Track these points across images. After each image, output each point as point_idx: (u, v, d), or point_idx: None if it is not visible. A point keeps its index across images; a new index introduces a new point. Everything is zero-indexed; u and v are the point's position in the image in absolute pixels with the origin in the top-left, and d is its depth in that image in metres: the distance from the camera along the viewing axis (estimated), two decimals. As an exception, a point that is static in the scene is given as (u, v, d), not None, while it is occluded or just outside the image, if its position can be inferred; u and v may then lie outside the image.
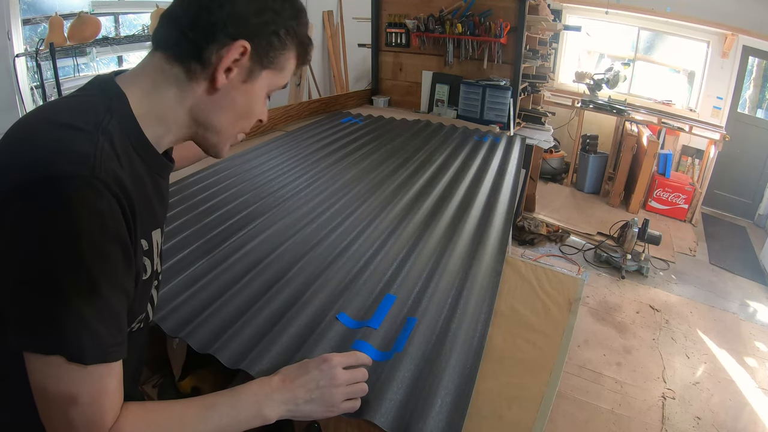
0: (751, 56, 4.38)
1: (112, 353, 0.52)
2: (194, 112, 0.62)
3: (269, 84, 0.65)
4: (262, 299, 1.04)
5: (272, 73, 0.64)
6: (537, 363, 0.97)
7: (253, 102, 0.65)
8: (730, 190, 4.65)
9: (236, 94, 0.63)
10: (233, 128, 0.66)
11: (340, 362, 0.69)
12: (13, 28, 2.37)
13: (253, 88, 0.63)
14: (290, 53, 0.65)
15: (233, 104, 0.63)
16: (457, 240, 1.38)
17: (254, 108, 0.66)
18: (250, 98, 0.64)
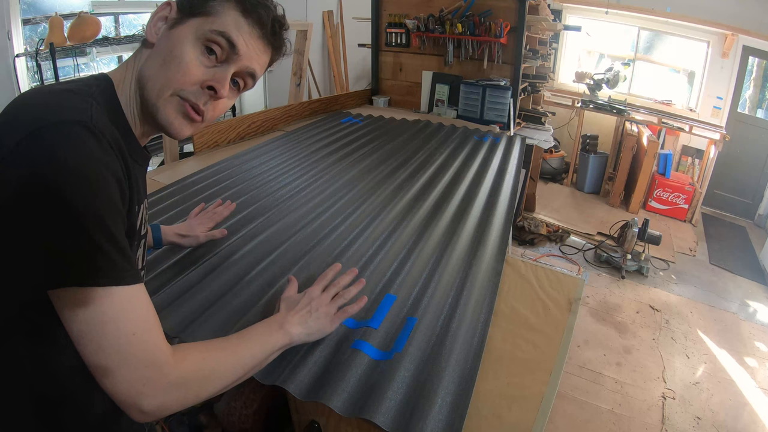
0: (751, 56, 4.38)
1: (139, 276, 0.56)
2: (138, 74, 0.64)
3: (198, 27, 0.63)
4: (263, 299, 1.04)
5: (201, 20, 0.64)
6: (537, 363, 0.97)
7: (175, 45, 0.63)
8: (730, 190, 4.65)
9: (162, 41, 0.64)
10: (158, 77, 0.62)
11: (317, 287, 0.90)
12: (13, 28, 2.37)
13: (177, 32, 0.64)
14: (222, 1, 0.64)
15: (159, 51, 0.64)
16: (457, 240, 1.38)
17: (178, 52, 0.62)
18: (172, 41, 0.63)
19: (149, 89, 0.63)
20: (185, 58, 0.62)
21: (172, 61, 0.62)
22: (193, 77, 0.63)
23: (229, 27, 0.64)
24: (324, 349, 0.90)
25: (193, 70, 0.62)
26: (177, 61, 0.62)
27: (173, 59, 0.62)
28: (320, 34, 4.62)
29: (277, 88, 4.17)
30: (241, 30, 0.64)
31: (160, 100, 0.62)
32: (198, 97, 0.64)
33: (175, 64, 0.62)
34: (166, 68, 0.62)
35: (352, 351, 0.90)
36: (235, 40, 0.64)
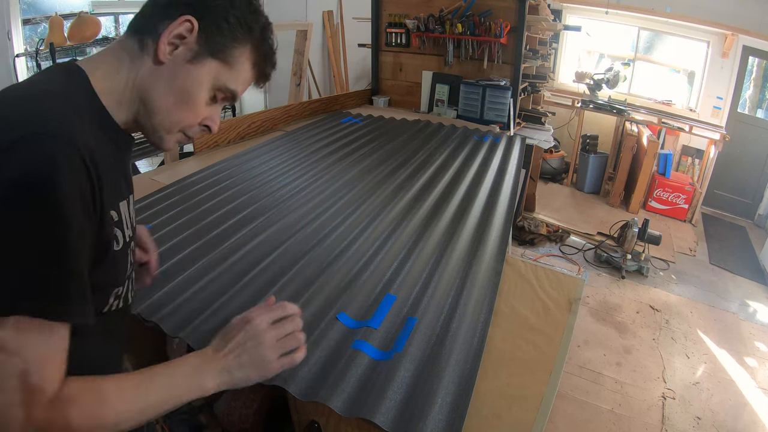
0: (751, 56, 4.38)
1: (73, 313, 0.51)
2: (140, 86, 0.62)
3: (215, 77, 0.64)
4: (263, 299, 1.04)
5: (220, 66, 0.64)
6: (537, 363, 0.97)
7: (194, 87, 0.63)
8: (730, 190, 4.65)
9: (178, 72, 0.62)
10: (170, 113, 0.63)
11: (264, 319, 0.67)
12: (13, 28, 2.37)
13: (196, 71, 0.63)
14: (243, 49, 0.65)
15: (173, 82, 0.62)
16: (457, 240, 1.38)
17: (195, 96, 0.64)
18: (191, 81, 0.63)
19: (158, 120, 0.63)
20: (200, 104, 0.65)
21: (188, 104, 0.64)
22: (199, 119, 0.66)
23: (239, 84, 0.66)
24: (324, 349, 0.90)
25: (202, 114, 0.66)
26: (193, 106, 0.64)
27: (190, 102, 0.64)
28: (320, 34, 4.62)
29: (277, 88, 4.16)
30: (246, 84, 0.68)
31: (168, 134, 0.65)
32: (195, 132, 0.68)
33: (191, 107, 0.64)
34: (180, 108, 0.64)
35: (352, 351, 0.90)
36: (240, 94, 0.68)
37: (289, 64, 3.29)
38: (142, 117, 0.64)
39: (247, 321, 0.67)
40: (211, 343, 0.67)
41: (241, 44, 0.64)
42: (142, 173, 2.45)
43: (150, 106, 0.63)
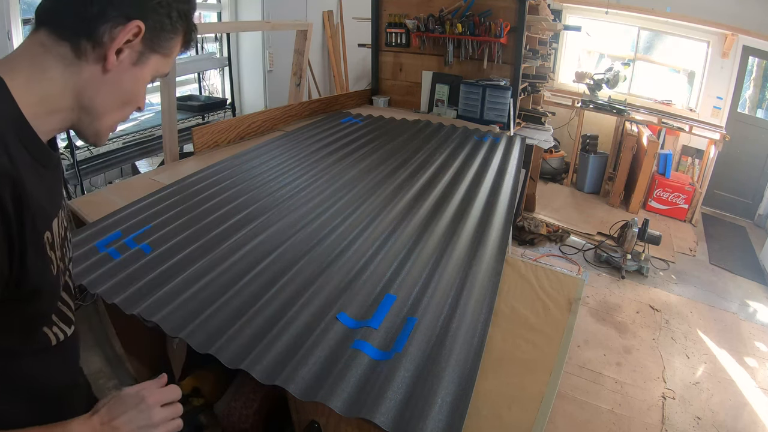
0: (751, 56, 4.38)
1: None
2: (79, 94, 0.58)
3: (156, 69, 0.63)
4: (263, 299, 1.04)
5: (160, 58, 0.62)
6: (537, 363, 0.97)
7: (138, 87, 0.62)
8: (730, 190, 4.65)
9: (124, 78, 0.60)
10: (116, 114, 0.62)
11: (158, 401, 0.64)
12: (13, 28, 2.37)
13: (141, 72, 0.61)
14: (179, 38, 0.64)
15: (120, 88, 0.60)
16: (457, 240, 1.38)
17: (138, 93, 0.63)
18: (136, 83, 0.61)
19: (102, 122, 0.61)
20: (141, 98, 0.64)
21: (132, 103, 0.63)
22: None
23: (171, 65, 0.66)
24: (324, 349, 0.90)
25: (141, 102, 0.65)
26: (136, 103, 0.64)
27: (135, 101, 0.63)
28: (320, 34, 4.62)
29: (277, 88, 4.16)
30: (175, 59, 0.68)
31: (107, 131, 0.63)
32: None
33: (133, 105, 0.64)
34: (125, 109, 0.63)
35: (352, 351, 0.90)
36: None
37: (289, 64, 3.28)
38: (83, 123, 0.60)
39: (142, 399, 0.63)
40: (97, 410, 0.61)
41: (178, 33, 0.63)
42: (142, 173, 2.45)
43: (94, 112, 0.60)
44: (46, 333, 0.61)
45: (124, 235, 1.32)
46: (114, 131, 0.67)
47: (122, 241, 1.29)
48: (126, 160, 2.79)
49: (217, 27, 3.64)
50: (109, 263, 1.19)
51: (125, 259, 1.20)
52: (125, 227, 1.37)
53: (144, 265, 1.17)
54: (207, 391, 1.46)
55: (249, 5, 3.67)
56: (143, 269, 1.16)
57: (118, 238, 1.31)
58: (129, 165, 2.86)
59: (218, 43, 3.70)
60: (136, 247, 1.25)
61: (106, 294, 1.07)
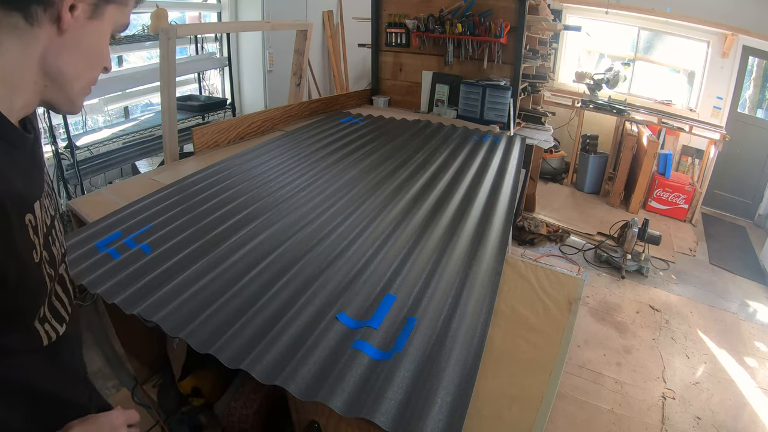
0: (751, 56, 4.38)
1: None
2: (42, 63, 0.54)
3: (115, 20, 0.60)
4: (262, 299, 1.04)
5: (117, 9, 0.59)
6: (537, 363, 0.97)
7: (100, 42, 0.59)
8: (730, 190, 4.65)
9: (84, 35, 0.56)
10: (85, 76, 0.59)
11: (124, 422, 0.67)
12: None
13: (101, 25, 0.58)
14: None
15: (82, 46, 0.57)
16: (457, 240, 1.38)
17: (102, 49, 0.60)
18: (97, 37, 0.58)
19: (73, 89, 0.59)
20: (106, 55, 0.61)
21: (98, 62, 0.60)
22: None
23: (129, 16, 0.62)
24: (324, 349, 0.90)
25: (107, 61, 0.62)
26: (102, 61, 0.60)
27: (101, 59, 0.60)
28: (320, 34, 4.62)
29: (277, 88, 4.16)
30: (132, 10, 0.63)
31: (81, 96, 0.60)
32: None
33: (100, 63, 0.61)
34: (92, 69, 0.60)
35: (352, 351, 0.90)
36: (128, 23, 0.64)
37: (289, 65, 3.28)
38: (51, 93, 0.57)
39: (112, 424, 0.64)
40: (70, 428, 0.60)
41: None
42: (142, 173, 2.45)
43: (61, 80, 0.57)
44: (38, 330, 0.59)
45: (124, 235, 1.32)
46: (89, 93, 0.62)
47: (122, 241, 1.29)
48: (126, 160, 2.79)
49: (217, 27, 3.65)
50: (109, 263, 1.19)
51: (125, 259, 1.20)
52: (125, 227, 1.37)
53: (144, 265, 1.17)
54: (207, 391, 1.46)
55: (249, 5, 3.67)
56: (143, 269, 1.16)
57: (118, 238, 1.31)
58: (129, 165, 2.86)
59: (218, 43, 3.70)
60: (136, 247, 1.25)
61: (106, 294, 1.07)
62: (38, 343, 0.59)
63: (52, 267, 0.61)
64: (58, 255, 0.64)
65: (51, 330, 0.61)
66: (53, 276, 0.61)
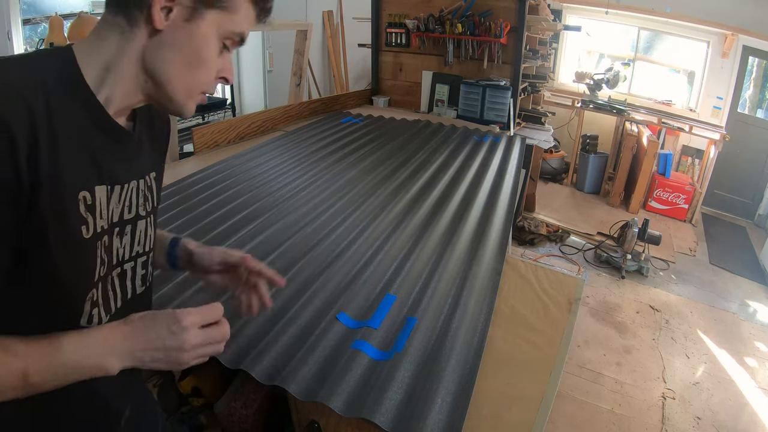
0: (751, 56, 4.38)
1: None
2: (142, 59, 0.59)
3: (219, 26, 0.60)
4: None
5: (221, 15, 0.60)
6: (537, 363, 0.97)
7: (200, 45, 0.60)
8: (730, 190, 4.65)
9: (180, 35, 0.59)
10: (185, 77, 0.61)
11: (194, 322, 0.61)
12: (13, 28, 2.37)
13: (198, 29, 0.59)
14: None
15: (179, 47, 0.59)
16: (457, 240, 1.38)
17: (204, 53, 0.61)
18: (196, 40, 0.60)
19: (172, 88, 0.61)
20: (212, 61, 0.62)
21: (201, 65, 0.61)
22: (216, 75, 0.64)
23: (244, 26, 0.63)
24: (324, 349, 0.90)
25: (216, 69, 0.63)
26: (206, 65, 0.62)
27: (202, 63, 0.61)
28: (320, 34, 4.62)
29: (277, 88, 4.16)
30: (251, 22, 0.64)
31: (188, 99, 0.63)
32: (213, 87, 0.65)
33: (205, 68, 0.62)
34: (194, 71, 0.61)
35: (352, 351, 0.90)
36: (246, 35, 0.64)
37: (289, 65, 3.28)
38: (153, 91, 0.61)
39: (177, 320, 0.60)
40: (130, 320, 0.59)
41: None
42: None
43: (159, 78, 0.60)
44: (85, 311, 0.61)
45: (124, 235, 1.32)
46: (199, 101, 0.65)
47: (122, 241, 1.29)
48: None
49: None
50: (109, 263, 1.18)
51: (125, 259, 1.20)
52: (125, 227, 1.37)
53: (144, 265, 1.17)
54: (207, 391, 1.46)
55: (249, 5, 3.67)
56: (143, 269, 1.15)
57: (118, 238, 1.31)
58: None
59: (218, 43, 3.70)
60: (136, 247, 1.25)
61: (106, 294, 1.07)
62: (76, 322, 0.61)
63: (109, 254, 0.63)
64: (121, 249, 0.66)
65: (96, 316, 0.63)
66: (110, 264, 0.63)
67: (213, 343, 0.62)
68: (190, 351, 0.60)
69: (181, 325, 0.59)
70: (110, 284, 0.65)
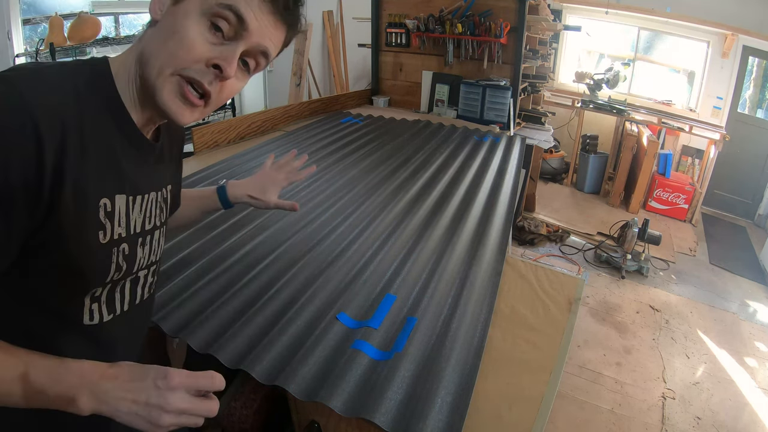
0: (751, 56, 4.38)
1: None
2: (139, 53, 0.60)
3: (203, 1, 0.58)
4: (262, 299, 1.04)
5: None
6: (537, 363, 0.97)
7: (178, 19, 0.57)
8: (730, 190, 4.65)
9: (166, 17, 0.59)
10: (160, 53, 0.58)
11: (184, 384, 0.54)
12: (13, 28, 2.37)
13: (181, 6, 0.58)
14: None
15: (161, 26, 0.59)
16: (457, 240, 1.38)
17: (180, 26, 0.57)
18: (176, 16, 0.58)
19: (150, 68, 0.58)
20: (188, 33, 0.57)
21: (174, 37, 0.57)
22: (196, 54, 0.58)
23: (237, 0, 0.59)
24: (324, 349, 0.90)
25: (196, 46, 0.57)
26: (179, 37, 0.57)
27: (175, 35, 0.57)
28: (320, 34, 4.62)
29: (277, 88, 4.16)
30: (250, 3, 0.59)
31: (159, 79, 0.58)
32: (202, 75, 0.59)
33: (177, 39, 0.57)
34: (167, 45, 0.57)
35: (352, 351, 0.90)
36: (244, 13, 0.58)
37: (289, 64, 3.29)
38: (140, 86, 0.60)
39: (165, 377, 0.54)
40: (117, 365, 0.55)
41: None
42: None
43: (144, 62, 0.59)
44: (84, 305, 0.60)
45: (124, 235, 1.32)
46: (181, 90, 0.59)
47: (122, 241, 1.29)
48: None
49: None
50: (109, 263, 1.18)
51: (125, 259, 1.20)
52: (125, 227, 1.37)
53: (144, 265, 1.17)
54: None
55: (249, 5, 3.66)
56: (143, 269, 1.15)
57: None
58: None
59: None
60: (136, 247, 1.25)
61: (106, 294, 1.07)
62: (78, 317, 0.61)
63: (126, 262, 0.63)
64: (143, 259, 0.67)
65: (96, 311, 0.62)
66: (125, 270, 0.64)
67: (195, 416, 0.55)
68: (171, 414, 0.53)
69: (169, 384, 0.54)
70: (120, 288, 0.65)
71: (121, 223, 0.61)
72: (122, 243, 0.62)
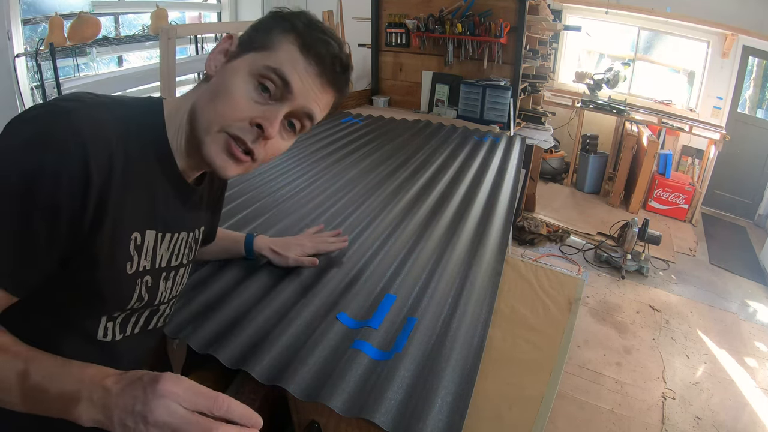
0: (751, 56, 4.38)
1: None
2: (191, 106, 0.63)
3: (252, 62, 0.60)
4: (263, 299, 1.04)
5: (257, 54, 0.61)
6: (537, 363, 0.97)
7: (227, 78, 0.60)
8: (730, 190, 4.65)
9: (218, 75, 0.63)
10: (208, 109, 0.60)
11: (175, 394, 0.45)
12: (13, 28, 2.37)
13: (232, 65, 0.62)
14: (283, 34, 0.61)
15: (213, 83, 0.62)
16: (457, 240, 1.38)
17: (228, 84, 0.60)
18: (226, 74, 0.61)
19: (198, 122, 0.61)
20: (235, 92, 0.59)
21: (223, 95, 0.60)
22: (240, 112, 0.59)
23: (283, 63, 0.60)
24: (324, 349, 0.90)
25: (241, 104, 0.59)
26: (227, 96, 0.59)
27: (224, 93, 0.60)
28: (320, 34, 4.62)
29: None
30: (296, 66, 0.60)
31: (207, 135, 0.60)
32: (245, 133, 0.60)
33: (225, 98, 0.59)
34: (216, 102, 0.60)
35: (352, 351, 0.90)
36: (289, 77, 0.60)
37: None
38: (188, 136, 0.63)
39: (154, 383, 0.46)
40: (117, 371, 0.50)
41: (279, 30, 0.62)
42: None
43: (194, 115, 0.61)
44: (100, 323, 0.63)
45: (124, 235, 1.32)
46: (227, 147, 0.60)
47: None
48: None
49: (217, 27, 3.65)
50: (109, 263, 1.18)
51: (125, 259, 1.20)
52: (125, 227, 1.37)
53: (144, 265, 1.17)
54: (207, 391, 1.45)
55: (249, 5, 3.67)
56: (143, 269, 1.15)
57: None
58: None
59: (218, 43, 3.70)
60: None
61: (106, 294, 1.07)
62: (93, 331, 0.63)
63: (149, 293, 0.66)
64: (164, 293, 0.70)
65: (111, 330, 0.65)
66: (147, 301, 0.66)
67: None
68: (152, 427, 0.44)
69: (156, 390, 0.45)
70: (137, 315, 0.68)
71: (147, 257, 0.63)
72: (146, 275, 0.64)
